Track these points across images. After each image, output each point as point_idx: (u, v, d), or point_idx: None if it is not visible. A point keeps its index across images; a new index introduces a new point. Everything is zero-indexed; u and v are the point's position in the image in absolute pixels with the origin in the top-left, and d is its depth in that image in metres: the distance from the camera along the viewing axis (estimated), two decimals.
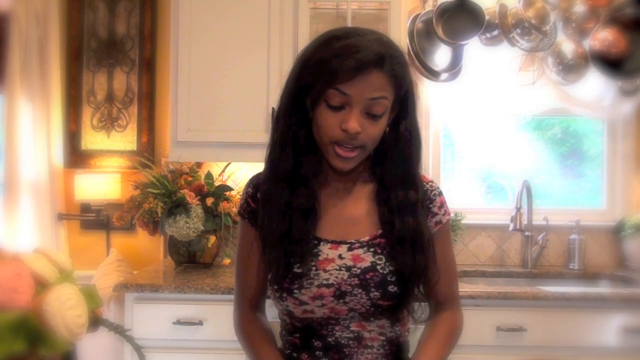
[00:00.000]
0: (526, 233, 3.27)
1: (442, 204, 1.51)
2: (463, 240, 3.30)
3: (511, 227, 3.21)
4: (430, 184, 1.51)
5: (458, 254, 3.31)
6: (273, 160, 1.45)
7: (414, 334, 1.56)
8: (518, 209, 3.20)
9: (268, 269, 1.45)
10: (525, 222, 3.23)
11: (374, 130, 1.35)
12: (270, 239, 1.43)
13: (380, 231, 1.44)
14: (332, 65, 1.31)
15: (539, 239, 3.27)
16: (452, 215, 3.15)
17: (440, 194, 1.52)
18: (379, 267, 1.39)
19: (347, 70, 1.30)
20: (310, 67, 1.36)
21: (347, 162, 1.37)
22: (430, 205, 1.49)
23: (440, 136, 3.42)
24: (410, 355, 1.52)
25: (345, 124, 1.32)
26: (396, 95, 1.38)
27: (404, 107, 1.42)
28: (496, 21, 3.10)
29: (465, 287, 2.69)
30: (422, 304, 1.51)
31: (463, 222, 3.24)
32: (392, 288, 1.38)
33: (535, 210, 3.28)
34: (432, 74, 3.20)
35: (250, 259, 1.50)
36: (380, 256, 1.41)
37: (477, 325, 2.61)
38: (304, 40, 1.40)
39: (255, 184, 1.52)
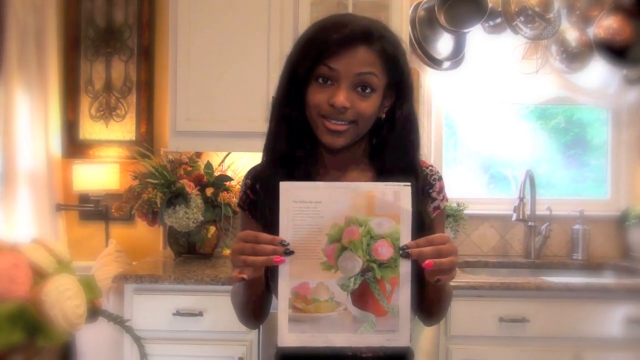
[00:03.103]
0: (529, 223, 3.27)
1: (442, 189, 1.51)
2: (465, 230, 3.30)
3: (514, 217, 3.21)
4: (430, 168, 1.51)
5: (460, 244, 3.31)
6: (270, 145, 1.46)
7: (415, 332, 1.56)
8: (521, 199, 3.20)
9: None
10: (528, 212, 3.23)
11: (364, 107, 1.36)
12: (271, 228, 1.42)
13: None
14: (319, 39, 1.35)
15: (542, 229, 3.26)
16: (454, 205, 3.16)
17: (440, 178, 1.52)
18: None
19: (333, 44, 1.33)
20: (301, 46, 1.40)
21: (337, 137, 1.37)
22: (430, 190, 1.49)
23: (442, 125, 3.41)
24: (411, 346, 1.52)
25: (332, 98, 1.33)
26: (390, 78, 1.39)
27: (400, 93, 1.43)
28: (499, 9, 3.09)
29: (467, 278, 2.69)
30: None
31: (465, 212, 3.23)
32: None
33: (539, 200, 3.27)
34: (434, 62, 3.19)
35: None
36: None
37: (480, 316, 2.61)
38: (305, 28, 1.40)
39: (254, 175, 1.52)
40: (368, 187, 1.25)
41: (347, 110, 1.34)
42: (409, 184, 1.24)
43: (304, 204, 1.24)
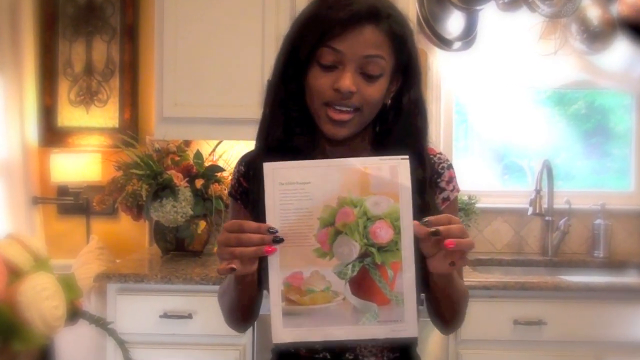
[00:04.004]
0: (546, 218, 3.27)
1: (452, 179, 1.50)
2: (477, 225, 3.30)
3: (530, 211, 3.21)
4: (438, 156, 1.51)
5: None
6: (264, 131, 1.45)
7: (422, 335, 1.56)
8: (538, 192, 3.20)
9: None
10: (545, 205, 3.23)
11: (371, 92, 1.35)
12: (263, 219, 1.43)
13: None
14: (322, 18, 1.33)
15: (560, 224, 3.27)
16: (465, 198, 3.16)
17: (450, 167, 1.51)
18: None
19: (338, 23, 1.31)
20: (301, 25, 1.38)
21: (341, 127, 1.37)
22: (438, 180, 1.49)
23: (452, 111, 3.41)
24: (418, 350, 1.52)
25: (337, 82, 1.32)
26: (397, 61, 1.38)
27: (407, 77, 1.42)
28: None
29: (479, 277, 2.70)
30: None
31: (477, 205, 3.23)
32: None
33: (557, 192, 3.27)
34: (444, 43, 3.18)
35: None
36: None
37: (493, 318, 2.61)
38: (303, 5, 1.39)
39: (247, 161, 1.52)
40: (361, 162, 1.22)
41: (352, 95, 1.33)
42: (407, 157, 1.21)
43: (291, 185, 1.22)
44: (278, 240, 1.22)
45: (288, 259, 1.22)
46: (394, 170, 1.20)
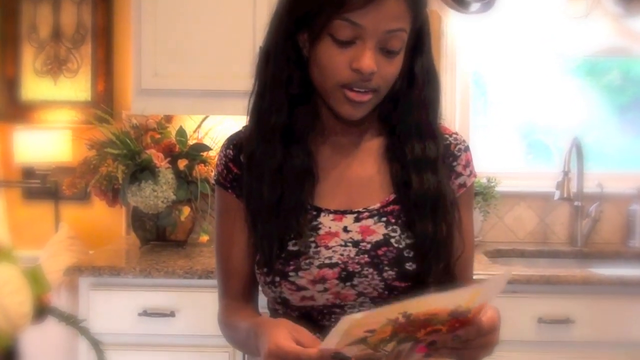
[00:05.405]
0: (575, 203, 3.27)
1: (468, 162, 1.51)
2: (497, 212, 3.30)
3: (557, 195, 3.21)
4: (454, 136, 1.51)
5: (491, 228, 3.32)
6: (261, 112, 1.44)
7: None
8: (566, 173, 3.20)
9: (257, 249, 1.45)
10: (574, 189, 3.23)
11: (390, 70, 1.35)
12: (259, 210, 1.43)
13: (393, 195, 1.44)
14: None
15: (591, 210, 3.27)
16: (484, 181, 3.16)
17: (467, 149, 1.52)
18: (393, 240, 1.39)
19: None
20: None
21: (358, 109, 1.37)
22: (454, 163, 1.49)
23: (469, 83, 3.40)
24: None
25: (357, 62, 1.31)
26: (412, 28, 1.38)
27: (419, 42, 1.42)
28: None
29: (499, 270, 2.70)
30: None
31: (497, 189, 3.23)
32: (409, 265, 1.38)
33: (587, 174, 3.28)
34: (460, 4, 3.17)
35: (236, 237, 1.50)
36: (395, 227, 1.41)
37: (515, 316, 2.62)
38: None
39: (237, 144, 1.51)
40: None
41: (373, 74, 1.33)
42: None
43: None
44: None
45: None
46: None
